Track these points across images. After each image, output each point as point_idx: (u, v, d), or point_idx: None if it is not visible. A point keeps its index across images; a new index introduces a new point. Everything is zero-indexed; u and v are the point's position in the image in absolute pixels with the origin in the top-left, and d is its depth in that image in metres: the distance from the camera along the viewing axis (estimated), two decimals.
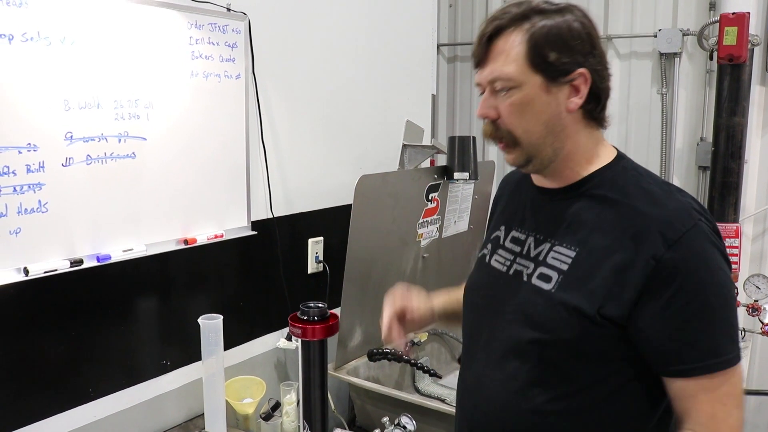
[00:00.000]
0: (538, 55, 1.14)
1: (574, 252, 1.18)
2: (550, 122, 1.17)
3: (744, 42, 2.71)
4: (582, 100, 1.17)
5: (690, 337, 1.10)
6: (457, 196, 2.59)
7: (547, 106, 1.16)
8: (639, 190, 1.17)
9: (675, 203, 1.14)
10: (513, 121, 1.17)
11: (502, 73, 1.15)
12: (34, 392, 1.70)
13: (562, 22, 1.15)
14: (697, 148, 3.14)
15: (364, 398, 2.23)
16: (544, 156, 1.19)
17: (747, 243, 3.04)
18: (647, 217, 1.12)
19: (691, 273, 1.09)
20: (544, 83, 1.15)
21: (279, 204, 2.29)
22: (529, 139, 1.18)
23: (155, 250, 1.87)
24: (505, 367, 1.24)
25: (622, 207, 1.16)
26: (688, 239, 1.09)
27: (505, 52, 1.15)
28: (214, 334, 1.89)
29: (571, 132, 1.19)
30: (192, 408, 2.08)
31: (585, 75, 1.16)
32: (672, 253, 1.08)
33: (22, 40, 1.51)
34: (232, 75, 2.03)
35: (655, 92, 3.20)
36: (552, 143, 1.19)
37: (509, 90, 1.16)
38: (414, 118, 2.67)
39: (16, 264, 1.56)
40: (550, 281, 1.19)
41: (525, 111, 1.16)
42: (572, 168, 1.22)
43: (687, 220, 1.11)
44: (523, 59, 1.14)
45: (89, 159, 1.68)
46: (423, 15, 3.00)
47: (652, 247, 1.09)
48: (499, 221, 1.40)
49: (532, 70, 1.15)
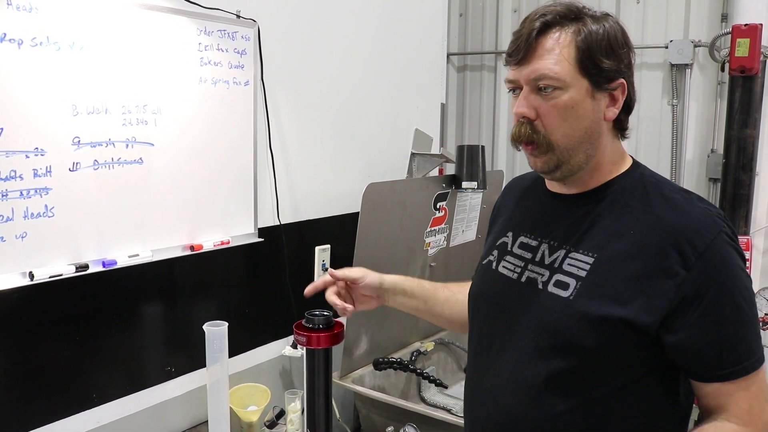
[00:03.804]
0: (590, 59, 1.13)
1: (592, 258, 1.16)
2: (589, 129, 1.16)
3: (756, 54, 2.69)
4: (618, 110, 1.17)
5: (728, 343, 1.10)
6: (465, 205, 2.58)
7: (590, 112, 1.15)
8: (660, 197, 1.17)
9: (698, 211, 1.14)
10: (553, 123, 1.14)
11: (550, 72, 1.12)
12: (37, 397, 1.69)
13: (610, 28, 1.15)
14: (707, 160, 3.12)
15: (369, 407, 2.21)
16: (574, 163, 1.17)
17: (758, 256, 3.01)
18: (671, 225, 1.12)
19: (722, 280, 1.10)
20: (589, 88, 1.14)
21: (286, 211, 2.29)
22: (567, 143, 1.15)
23: (161, 255, 1.87)
24: (520, 377, 1.21)
25: (643, 214, 1.15)
26: (716, 247, 1.10)
27: (554, 51, 1.12)
28: (219, 341, 1.89)
29: (603, 141, 1.19)
30: (196, 415, 2.07)
31: (624, 85, 1.17)
32: (702, 262, 1.09)
33: (32, 44, 1.52)
34: (241, 82, 2.03)
35: (666, 103, 3.18)
36: (586, 150, 1.17)
37: (554, 90, 1.13)
38: (423, 126, 2.67)
39: (22, 268, 1.56)
40: (567, 288, 1.17)
41: (568, 114, 1.14)
42: (596, 176, 1.21)
43: (712, 228, 1.11)
44: (573, 61, 1.12)
45: (96, 164, 1.68)
46: (433, 24, 3.00)
47: (680, 256, 1.09)
48: (504, 228, 1.37)
49: (581, 73, 1.13)
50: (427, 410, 2.09)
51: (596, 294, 1.14)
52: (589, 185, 1.22)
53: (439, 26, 3.08)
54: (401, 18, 2.76)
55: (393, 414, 2.09)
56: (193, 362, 2.03)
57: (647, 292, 1.10)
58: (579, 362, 1.16)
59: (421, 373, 2.28)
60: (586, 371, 1.16)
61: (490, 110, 3.70)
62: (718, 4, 3.02)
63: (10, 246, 1.53)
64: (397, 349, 2.46)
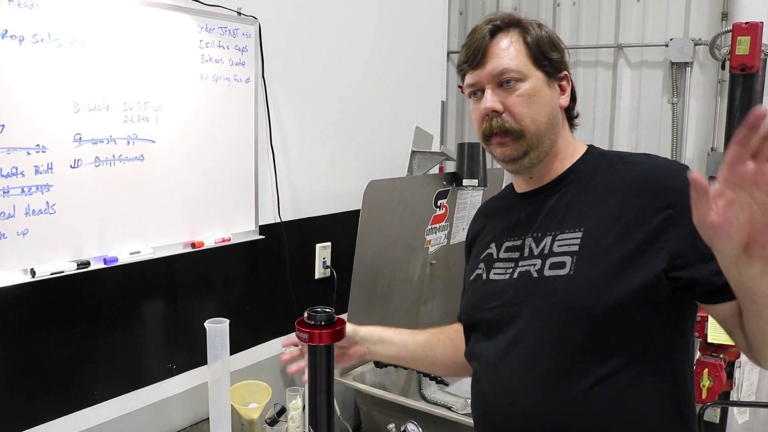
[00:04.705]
0: (540, 52, 1.25)
1: (580, 232, 1.21)
2: (551, 114, 1.26)
3: (757, 51, 2.69)
4: (568, 99, 1.30)
5: None
6: (466, 203, 2.58)
7: (549, 99, 1.27)
8: (624, 164, 1.25)
9: (661, 160, 1.23)
10: (521, 111, 1.23)
11: (511, 64, 1.23)
12: (39, 394, 1.69)
13: (548, 31, 1.29)
14: (707, 159, 3.12)
15: (370, 404, 2.21)
16: (541, 148, 1.26)
17: None
18: (643, 177, 1.19)
19: None
20: (544, 78, 1.26)
21: (287, 208, 2.29)
22: (536, 129, 1.24)
23: (162, 253, 1.87)
24: (534, 368, 1.20)
25: (614, 180, 1.23)
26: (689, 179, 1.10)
27: (509, 48, 1.25)
28: (221, 338, 1.88)
29: (560, 127, 1.29)
30: (197, 412, 2.07)
31: (568, 77, 1.31)
32: (683, 195, 1.07)
33: (33, 41, 1.52)
34: (242, 79, 2.03)
35: (666, 102, 3.18)
36: (550, 135, 1.26)
37: (516, 82, 1.23)
38: (423, 124, 2.67)
39: (23, 265, 1.56)
40: (564, 267, 1.19)
41: (533, 101, 1.24)
42: (557, 163, 1.30)
43: (681, 167, 1.19)
44: (526, 56, 1.25)
45: (98, 161, 1.68)
46: (433, 22, 3.00)
47: (663, 198, 1.15)
48: (485, 242, 1.39)
49: (534, 66, 1.25)
50: (427, 407, 2.09)
51: (595, 262, 1.17)
52: (553, 174, 1.29)
53: (440, 24, 3.08)
54: (402, 16, 2.76)
55: (394, 411, 2.09)
56: (195, 359, 2.03)
57: (644, 244, 1.14)
58: (591, 335, 1.16)
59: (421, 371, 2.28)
60: (599, 344, 1.16)
61: None
62: (719, 2, 3.02)
63: (11, 243, 1.53)
64: None
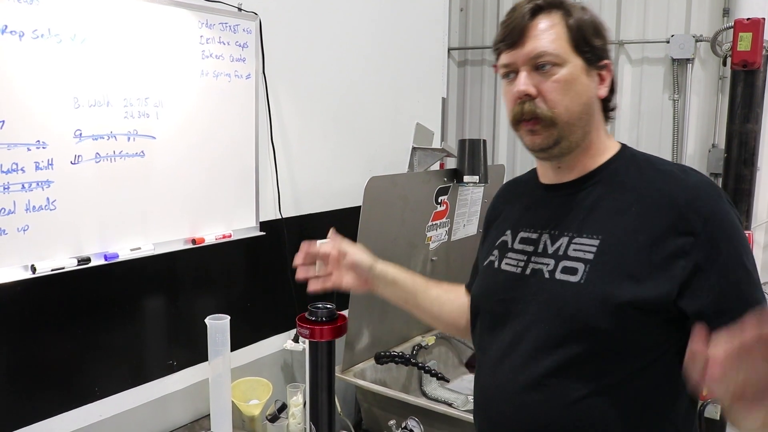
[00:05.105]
0: (582, 38, 1.18)
1: (597, 240, 1.17)
2: (586, 104, 1.20)
3: (759, 48, 2.69)
4: (608, 90, 1.23)
5: (743, 304, 1.10)
6: (467, 199, 2.58)
7: (586, 88, 1.20)
8: (656, 172, 1.20)
9: (694, 178, 1.17)
10: (556, 98, 1.17)
11: (549, 48, 1.17)
12: (40, 390, 1.69)
13: (592, 15, 1.22)
14: (708, 155, 3.12)
15: (371, 401, 2.21)
16: (573, 139, 1.20)
17: (759, 251, 3.01)
18: (672, 195, 1.14)
19: (729, 242, 1.11)
20: (583, 66, 1.19)
21: (288, 205, 2.29)
22: (568, 117, 1.18)
23: (163, 249, 1.86)
24: (534, 369, 1.20)
25: (641, 189, 1.18)
26: (718, 209, 1.12)
27: (549, 30, 1.18)
28: (221, 335, 1.88)
29: (596, 119, 1.23)
30: (198, 409, 2.07)
31: (609, 66, 1.23)
32: (709, 225, 1.10)
33: (33, 37, 1.51)
34: (243, 75, 2.03)
35: (667, 98, 3.18)
36: (584, 126, 1.21)
37: (553, 66, 1.17)
38: (424, 121, 2.67)
39: (24, 261, 1.56)
40: (576, 273, 1.17)
41: (569, 88, 1.18)
42: (588, 158, 1.24)
43: (712, 192, 1.14)
44: (566, 40, 1.18)
45: (98, 157, 1.67)
46: (434, 19, 3.00)
47: (686, 223, 1.11)
48: (502, 227, 1.37)
49: (574, 51, 1.18)
50: (428, 404, 2.08)
51: (607, 274, 1.14)
52: (582, 170, 1.24)
53: (440, 21, 3.08)
54: (402, 13, 2.76)
55: (394, 408, 2.09)
56: (195, 356, 2.03)
57: (659, 265, 1.11)
58: (594, 347, 1.15)
59: (423, 367, 2.28)
60: (602, 356, 1.15)
61: (491, 105, 3.70)
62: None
63: (11, 239, 1.52)
64: (398, 343, 2.46)
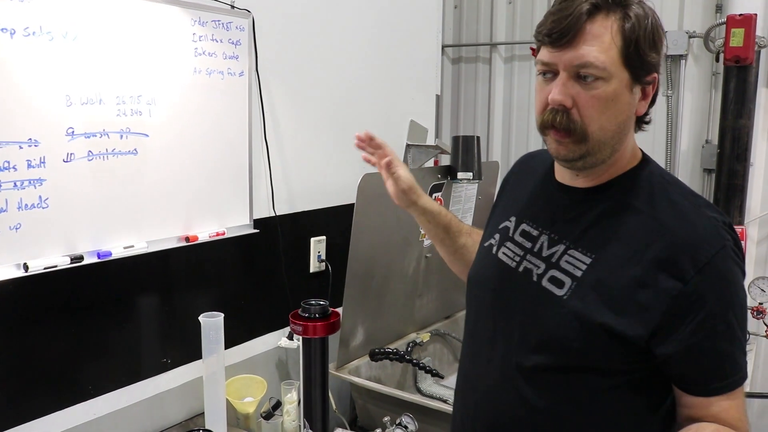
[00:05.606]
0: (636, 50, 1.07)
1: (590, 258, 1.14)
2: (623, 123, 1.12)
3: (751, 43, 2.69)
4: (647, 107, 1.14)
5: (718, 359, 1.10)
6: (461, 196, 2.58)
7: (626, 106, 1.10)
8: (666, 201, 1.13)
9: (704, 221, 1.10)
10: (592, 115, 1.08)
11: (596, 60, 1.05)
12: (33, 389, 1.69)
13: (654, 18, 1.09)
14: (702, 151, 3.12)
15: (365, 398, 2.21)
16: (600, 157, 1.13)
17: (752, 246, 3.02)
18: (674, 235, 1.09)
19: (718, 297, 1.08)
20: (629, 81, 1.09)
21: (281, 202, 2.28)
22: (601, 136, 1.10)
23: (156, 247, 1.86)
24: (507, 367, 1.22)
25: (647, 218, 1.12)
26: (716, 262, 1.07)
27: (602, 38, 1.06)
28: (215, 333, 1.88)
29: (629, 136, 1.15)
30: (192, 407, 2.06)
31: (656, 80, 1.12)
32: (701, 276, 1.06)
33: (24, 34, 1.51)
34: (236, 72, 2.02)
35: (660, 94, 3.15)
36: (614, 144, 1.13)
37: (596, 80, 1.07)
38: (418, 118, 2.67)
39: (16, 260, 1.55)
40: (562, 287, 1.16)
41: (608, 107, 1.08)
42: (610, 171, 1.17)
43: (716, 242, 1.08)
44: (618, 51, 1.06)
45: (90, 155, 1.67)
46: (428, 16, 3.00)
47: (678, 268, 1.07)
48: (508, 210, 1.34)
49: (624, 65, 1.07)
50: (423, 400, 2.09)
51: (590, 297, 1.12)
52: (598, 180, 1.18)
53: (434, 18, 3.08)
54: (396, 10, 2.75)
55: (389, 404, 2.09)
56: (190, 354, 2.03)
57: (641, 302, 1.08)
58: (564, 361, 1.15)
59: (418, 363, 2.28)
60: (570, 371, 1.16)
61: (485, 102, 3.69)
62: None
63: (3, 237, 1.52)
64: (392, 341, 2.46)
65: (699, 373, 1.11)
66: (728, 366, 1.10)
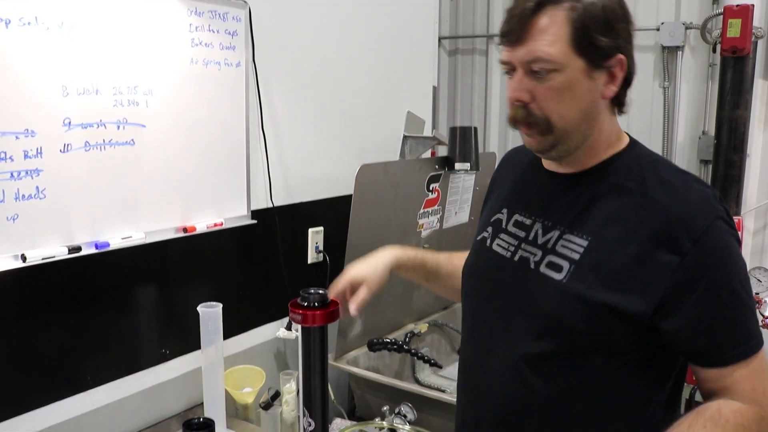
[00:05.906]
0: (585, 37, 1.07)
1: (586, 241, 1.15)
2: (586, 109, 1.13)
3: (748, 34, 2.69)
4: (617, 88, 1.14)
5: (727, 327, 1.10)
6: (458, 186, 2.58)
7: (587, 93, 1.11)
8: (656, 179, 1.14)
9: (695, 194, 1.12)
10: (549, 106, 1.11)
11: (544, 54, 1.07)
12: (31, 380, 1.69)
13: (608, 1, 1.09)
14: (699, 142, 3.13)
15: (364, 388, 2.22)
16: (571, 143, 1.15)
17: (748, 236, 3.03)
18: (667, 210, 1.10)
19: (717, 266, 1.09)
20: (586, 68, 1.09)
21: (279, 193, 2.28)
22: (564, 125, 1.12)
23: (154, 237, 1.86)
24: (510, 356, 1.21)
25: (639, 197, 1.13)
26: (712, 233, 1.08)
27: (548, 31, 1.07)
28: (214, 323, 1.88)
29: (600, 119, 1.16)
30: (191, 397, 2.07)
31: (623, 61, 1.12)
32: (698, 248, 1.07)
33: (20, 24, 1.50)
34: (233, 63, 2.02)
35: (657, 86, 3.18)
36: (583, 130, 1.14)
37: (549, 72, 1.08)
38: (415, 109, 2.67)
39: (14, 251, 1.55)
40: (561, 271, 1.16)
41: (564, 96, 1.10)
42: (591, 155, 1.19)
43: (709, 214, 1.09)
44: (568, 41, 1.07)
45: (88, 145, 1.67)
46: (425, 8, 2.99)
47: (675, 242, 1.08)
48: (499, 203, 1.35)
49: (576, 53, 1.08)
50: (421, 390, 2.10)
51: (589, 278, 1.13)
52: (585, 165, 1.19)
53: (431, 10, 3.08)
54: (393, 1, 2.74)
55: (388, 394, 2.09)
56: (188, 344, 2.03)
57: (641, 279, 1.09)
58: (568, 345, 1.15)
59: (416, 353, 2.29)
60: (575, 355, 1.16)
61: (481, 93, 3.70)
62: None
63: (1, 228, 1.52)
64: (390, 331, 2.46)
65: (710, 343, 1.11)
66: (740, 333, 1.10)
